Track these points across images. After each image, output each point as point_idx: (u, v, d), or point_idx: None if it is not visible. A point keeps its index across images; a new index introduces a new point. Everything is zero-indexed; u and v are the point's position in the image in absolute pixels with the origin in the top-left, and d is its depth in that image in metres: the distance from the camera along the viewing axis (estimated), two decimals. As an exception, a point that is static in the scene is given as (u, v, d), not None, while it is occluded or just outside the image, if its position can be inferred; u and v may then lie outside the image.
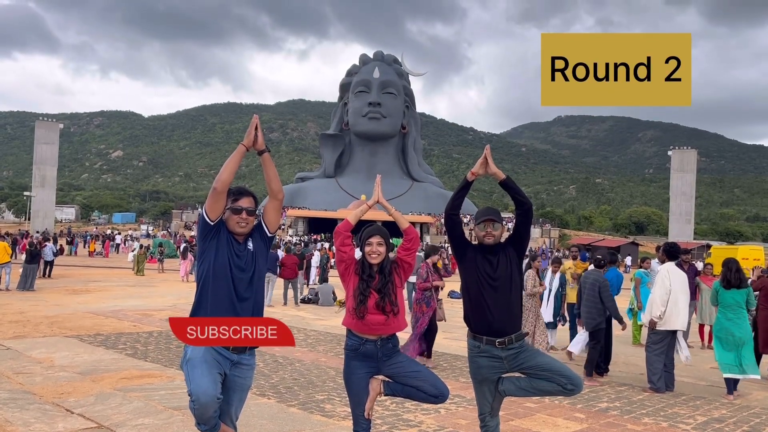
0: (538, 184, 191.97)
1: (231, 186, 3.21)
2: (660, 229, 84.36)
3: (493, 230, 3.56)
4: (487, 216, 3.58)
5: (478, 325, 3.50)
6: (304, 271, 19.11)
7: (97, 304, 13.76)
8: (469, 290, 3.56)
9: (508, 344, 3.42)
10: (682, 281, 6.75)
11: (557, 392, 3.39)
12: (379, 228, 3.48)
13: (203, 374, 3.03)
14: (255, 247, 3.33)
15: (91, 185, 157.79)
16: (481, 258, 3.51)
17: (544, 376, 3.37)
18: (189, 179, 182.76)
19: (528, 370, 3.42)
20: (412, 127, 74.38)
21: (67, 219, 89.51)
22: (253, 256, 3.31)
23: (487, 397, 3.52)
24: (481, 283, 3.48)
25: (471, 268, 3.54)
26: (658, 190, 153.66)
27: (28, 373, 6.48)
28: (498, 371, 3.47)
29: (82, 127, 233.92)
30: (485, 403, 3.54)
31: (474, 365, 3.55)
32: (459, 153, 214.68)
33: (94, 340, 8.76)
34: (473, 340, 3.55)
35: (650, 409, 5.92)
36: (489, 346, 3.44)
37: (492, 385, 3.51)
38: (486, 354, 3.46)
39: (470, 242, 3.64)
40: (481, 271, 3.49)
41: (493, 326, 3.45)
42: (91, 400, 5.47)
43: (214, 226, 3.23)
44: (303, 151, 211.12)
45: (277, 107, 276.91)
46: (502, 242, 3.61)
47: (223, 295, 3.21)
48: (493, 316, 3.45)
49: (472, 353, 3.56)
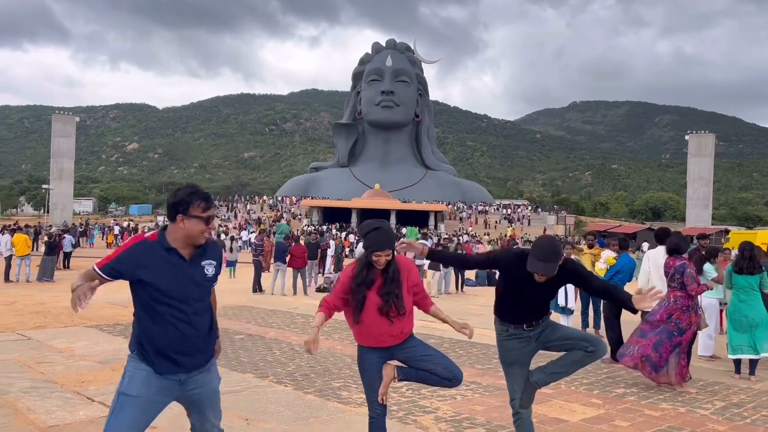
0: (553, 171, 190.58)
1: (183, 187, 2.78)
2: (677, 215, 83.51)
3: (547, 276, 3.36)
4: (543, 266, 3.29)
5: (511, 319, 3.57)
6: (318, 261, 19.21)
7: (116, 294, 13.91)
8: (505, 296, 3.59)
9: (535, 326, 3.53)
10: (661, 266, 6.77)
11: (583, 359, 3.44)
12: (387, 240, 3.27)
13: (124, 423, 2.73)
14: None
15: (108, 178, 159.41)
16: (527, 281, 3.41)
17: (568, 345, 3.45)
18: (204, 170, 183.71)
19: (553, 342, 3.50)
20: (425, 115, 74.12)
21: (85, 211, 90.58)
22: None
23: (518, 379, 3.56)
24: (518, 298, 3.52)
25: (511, 286, 3.52)
26: (675, 175, 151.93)
27: (49, 362, 6.59)
28: (527, 351, 3.55)
29: (98, 120, 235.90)
30: (516, 387, 3.57)
31: (503, 349, 3.61)
32: (473, 140, 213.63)
33: (113, 329, 8.87)
34: (501, 326, 3.62)
35: (668, 394, 5.88)
36: (518, 329, 3.54)
37: (522, 367, 3.56)
38: (515, 336, 3.54)
39: (506, 262, 3.53)
40: (524, 291, 3.47)
41: (524, 320, 3.55)
42: (110, 388, 5.53)
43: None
44: (317, 140, 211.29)
45: (290, 97, 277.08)
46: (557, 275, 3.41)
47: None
48: (525, 316, 3.55)
49: (500, 337, 3.63)
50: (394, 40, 74.65)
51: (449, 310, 12.37)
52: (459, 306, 13.60)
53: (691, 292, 5.96)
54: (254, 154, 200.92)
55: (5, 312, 10.59)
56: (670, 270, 6.08)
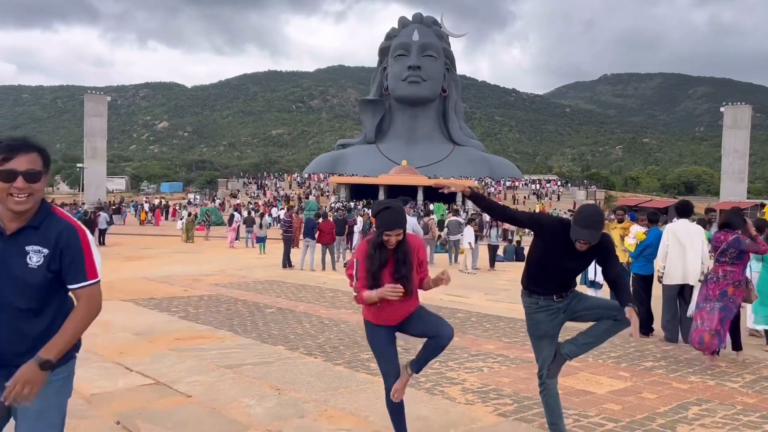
0: (582, 145, 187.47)
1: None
2: (711, 189, 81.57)
3: (590, 243, 3.34)
4: (588, 233, 3.27)
5: (542, 291, 3.56)
6: (345, 237, 19.36)
7: (150, 269, 14.30)
8: (539, 264, 3.56)
9: (564, 297, 3.55)
10: (683, 237, 6.93)
11: (611, 328, 3.43)
12: (398, 220, 3.25)
13: None
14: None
15: (139, 156, 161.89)
16: (564, 250, 3.42)
17: (596, 314, 3.46)
18: (233, 148, 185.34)
19: (580, 312, 3.52)
20: (452, 89, 73.37)
21: (118, 189, 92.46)
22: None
23: (546, 351, 3.58)
24: (554, 268, 3.50)
25: (550, 255, 3.48)
26: (710, 148, 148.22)
27: (88, 334, 6.83)
28: (556, 323, 3.56)
29: (128, 99, 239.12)
30: (544, 359, 3.59)
31: (532, 322, 3.62)
32: (501, 115, 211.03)
33: (148, 303, 9.14)
34: (530, 299, 3.61)
35: (697, 367, 5.86)
36: (547, 301, 3.54)
37: (551, 339, 3.58)
38: (544, 309, 3.55)
39: (547, 226, 3.51)
40: (559, 261, 3.47)
41: (555, 290, 3.55)
42: (147, 359, 5.76)
43: None
44: (343, 117, 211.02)
45: (317, 74, 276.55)
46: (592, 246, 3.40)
47: None
48: (558, 286, 3.55)
49: (529, 310, 3.62)
50: (421, 14, 73.75)
51: (478, 286, 12.42)
52: (487, 281, 13.63)
53: (764, 252, 5.98)
54: (282, 131, 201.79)
55: (45, 287, 10.97)
56: (721, 244, 6.05)
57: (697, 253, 6.98)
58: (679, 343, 6.99)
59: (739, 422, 4.23)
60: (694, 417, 4.33)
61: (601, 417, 4.29)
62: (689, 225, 7.17)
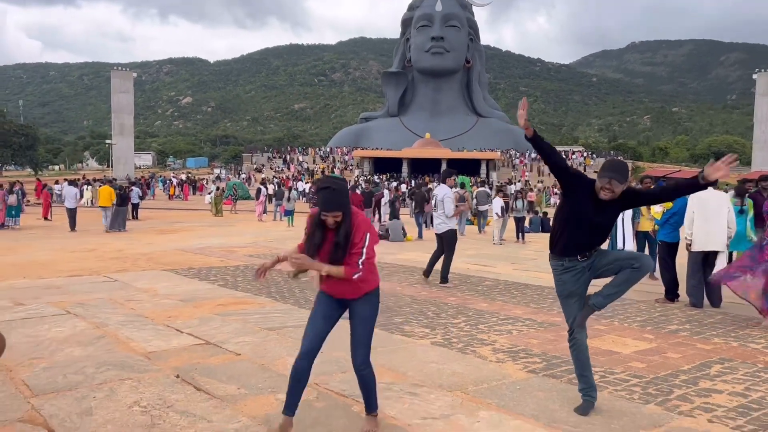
0: (609, 116, 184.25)
1: None
2: (743, 159, 79.73)
3: (613, 188, 3.53)
4: (611, 173, 3.50)
5: (569, 250, 3.74)
6: (373, 209, 19.64)
7: (185, 242, 14.77)
8: (567, 223, 3.73)
9: (588, 257, 3.73)
10: (709, 204, 7.13)
11: (631, 276, 3.58)
12: (335, 202, 3.10)
13: None
14: None
15: (165, 132, 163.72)
16: (592, 205, 3.61)
17: (617, 266, 3.64)
18: (256, 123, 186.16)
19: (603, 267, 3.70)
20: (476, 60, 72.53)
21: (145, 165, 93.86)
22: None
23: (575, 309, 3.80)
24: (583, 224, 3.66)
25: (577, 212, 3.66)
26: (742, 117, 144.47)
27: (137, 300, 7.25)
28: (582, 281, 3.76)
29: (152, 75, 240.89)
30: (572, 315, 3.82)
31: (560, 283, 3.82)
32: (526, 86, 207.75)
33: (188, 273, 9.55)
34: (556, 260, 3.81)
35: (721, 330, 6.04)
36: (573, 262, 3.73)
37: (577, 298, 3.79)
38: (571, 269, 3.74)
39: (582, 180, 3.69)
40: (588, 217, 3.63)
41: (581, 250, 3.73)
42: (195, 322, 6.13)
43: None
44: (366, 90, 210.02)
45: (339, 47, 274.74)
46: (618, 197, 3.60)
47: None
48: (584, 246, 3.72)
49: (557, 272, 3.82)
50: (444, -16, 72.59)
51: (505, 256, 12.58)
52: (514, 251, 13.82)
53: None
54: (304, 105, 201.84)
55: (88, 258, 11.47)
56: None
57: (722, 219, 7.13)
58: (704, 308, 7.16)
59: (760, 378, 4.44)
60: (716, 374, 4.54)
61: (626, 374, 4.52)
62: (714, 192, 7.29)
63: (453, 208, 8.87)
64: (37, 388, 4.03)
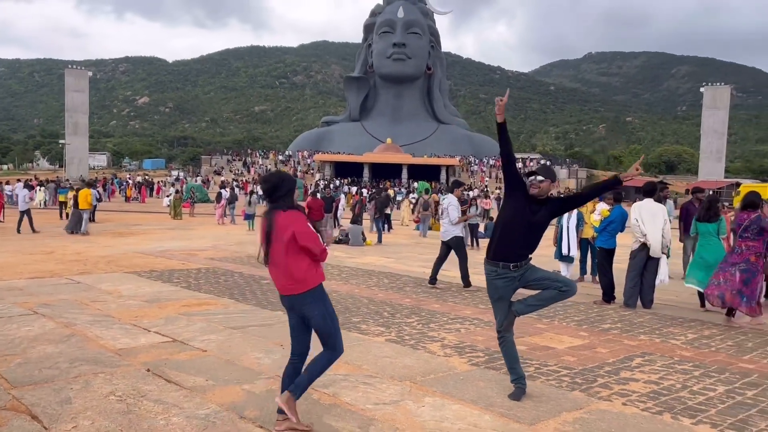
0: (566, 124, 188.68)
1: None
2: (691, 168, 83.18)
3: (539, 183, 4.10)
4: (538, 173, 4.15)
5: (502, 254, 4.17)
6: (332, 214, 19.99)
7: (144, 245, 14.85)
8: (505, 225, 4.19)
9: (520, 267, 4.17)
10: (648, 214, 7.79)
11: (556, 297, 4.11)
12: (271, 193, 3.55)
13: None
14: None
15: (120, 132, 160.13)
16: (526, 204, 4.11)
17: (545, 284, 4.13)
18: (215, 124, 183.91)
19: (533, 282, 4.17)
20: (437, 67, 73.60)
21: (100, 166, 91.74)
22: None
23: (502, 311, 4.27)
24: (519, 223, 4.12)
25: (513, 209, 4.15)
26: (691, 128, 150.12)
27: (102, 301, 7.47)
28: (511, 288, 4.21)
29: (107, 74, 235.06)
30: (500, 316, 4.29)
31: (492, 287, 4.27)
32: (486, 93, 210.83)
33: (150, 275, 9.76)
34: (491, 266, 4.25)
35: (647, 328, 6.67)
36: (505, 269, 4.16)
37: (506, 302, 4.25)
38: (503, 276, 4.18)
39: (522, 182, 4.20)
40: (523, 217, 4.11)
41: (514, 256, 4.16)
42: (161, 322, 6.42)
43: None
44: (328, 94, 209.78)
45: (301, 49, 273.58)
46: (550, 197, 4.19)
47: None
48: (517, 250, 4.16)
49: (490, 277, 4.27)
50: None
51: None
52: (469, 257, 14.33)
53: None
54: (265, 107, 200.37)
55: (47, 260, 11.51)
56: (744, 221, 6.97)
57: (658, 228, 7.77)
58: (636, 309, 7.81)
59: (674, 369, 5.03)
60: (636, 366, 5.11)
61: (558, 366, 5.05)
62: (653, 203, 7.93)
63: (457, 216, 9.44)
64: (15, 381, 4.30)
